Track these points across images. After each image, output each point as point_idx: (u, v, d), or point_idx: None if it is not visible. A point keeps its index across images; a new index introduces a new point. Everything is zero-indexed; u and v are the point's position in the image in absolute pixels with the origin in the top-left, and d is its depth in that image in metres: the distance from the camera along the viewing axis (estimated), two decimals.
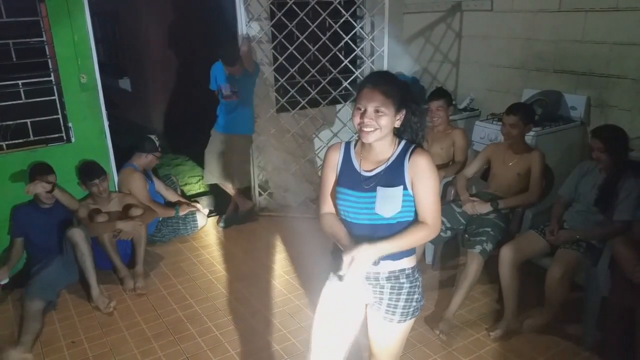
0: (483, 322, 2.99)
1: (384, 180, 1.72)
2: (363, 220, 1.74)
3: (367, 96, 1.67)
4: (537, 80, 4.10)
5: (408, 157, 1.71)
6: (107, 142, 3.82)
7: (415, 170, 1.69)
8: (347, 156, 1.82)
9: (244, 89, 4.08)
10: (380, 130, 1.68)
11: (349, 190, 1.75)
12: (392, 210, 1.70)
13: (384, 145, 1.74)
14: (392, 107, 1.67)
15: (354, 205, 1.74)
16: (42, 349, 2.87)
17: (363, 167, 1.77)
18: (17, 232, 3.40)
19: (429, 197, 1.70)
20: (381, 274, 1.78)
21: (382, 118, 1.66)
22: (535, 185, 3.12)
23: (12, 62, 3.44)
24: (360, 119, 1.68)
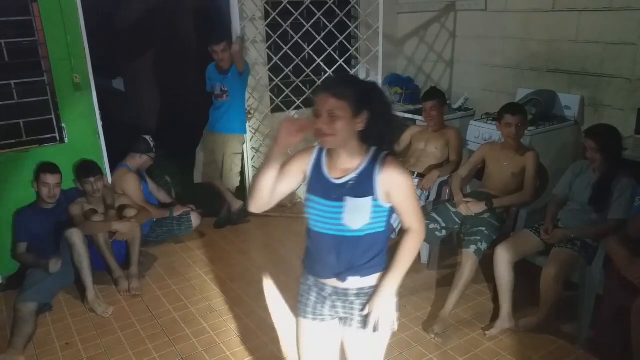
0: (478, 321, 2.99)
1: (353, 190, 1.63)
2: (329, 231, 1.66)
3: (320, 101, 1.58)
4: (531, 79, 4.11)
5: (379, 168, 1.62)
6: (101, 142, 3.80)
7: (388, 183, 1.61)
8: (318, 161, 1.72)
9: (234, 88, 4.08)
10: (335, 136, 1.57)
11: (317, 198, 1.67)
12: (361, 221, 1.62)
13: (350, 152, 1.64)
14: (349, 110, 1.56)
15: (322, 215, 1.67)
16: (36, 350, 2.85)
17: (332, 174, 1.68)
18: (21, 237, 3.39)
19: (409, 204, 1.67)
20: (350, 290, 1.72)
21: (337, 122, 1.56)
22: (530, 185, 3.13)
23: (5, 61, 3.41)
24: (317, 124, 1.58)
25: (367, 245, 1.67)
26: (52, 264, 3.13)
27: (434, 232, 3.18)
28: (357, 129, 1.61)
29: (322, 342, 1.84)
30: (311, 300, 1.80)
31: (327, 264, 1.71)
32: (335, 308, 1.76)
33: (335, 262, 1.69)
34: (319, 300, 1.78)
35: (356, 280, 1.69)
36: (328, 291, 1.75)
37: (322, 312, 1.79)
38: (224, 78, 4.07)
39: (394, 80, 5.03)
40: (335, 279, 1.70)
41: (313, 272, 1.79)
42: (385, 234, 1.70)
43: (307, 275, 1.82)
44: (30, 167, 3.45)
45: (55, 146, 3.65)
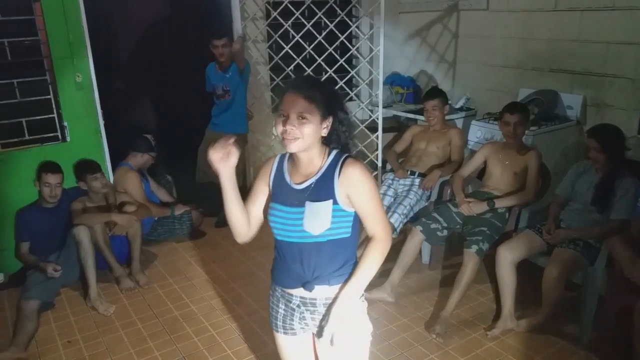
0: (480, 321, 2.99)
1: (313, 194, 1.58)
2: (292, 239, 1.62)
3: (289, 101, 1.53)
4: (533, 79, 4.10)
5: (339, 169, 1.57)
6: (103, 141, 3.80)
7: (348, 183, 1.56)
8: (279, 169, 1.69)
9: (235, 88, 4.08)
10: (303, 140, 1.53)
11: (279, 206, 1.64)
12: (321, 226, 1.56)
13: (311, 156, 1.60)
14: (317, 114, 1.53)
15: (283, 222, 1.62)
16: (38, 348, 2.86)
17: (294, 179, 1.64)
18: (23, 236, 3.40)
19: (371, 207, 1.59)
20: (318, 299, 1.66)
21: (305, 126, 1.52)
22: (532, 184, 3.13)
23: (7, 61, 3.42)
24: (283, 126, 1.53)
25: (330, 252, 1.61)
26: (51, 271, 3.14)
27: (436, 232, 3.18)
28: (322, 134, 1.58)
29: (297, 355, 1.82)
30: (280, 312, 1.76)
31: (293, 272, 1.66)
32: (304, 320, 1.71)
33: (301, 270, 1.64)
34: (287, 313, 1.74)
35: (324, 289, 1.63)
36: (295, 302, 1.70)
37: (292, 325, 1.75)
38: (225, 77, 4.07)
39: (395, 80, 5.03)
40: (302, 289, 1.65)
41: (280, 283, 1.73)
42: (352, 240, 1.64)
43: (274, 286, 1.78)
44: (32, 165, 3.45)
45: (57, 145, 3.65)
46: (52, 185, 3.34)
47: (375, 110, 4.37)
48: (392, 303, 3.12)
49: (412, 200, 3.54)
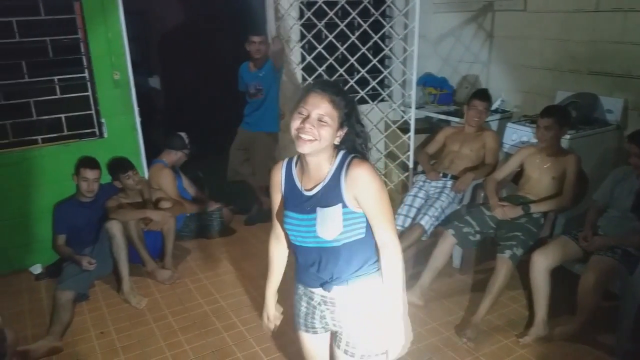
0: (511, 328, 2.93)
1: (322, 199, 1.57)
2: (310, 244, 1.62)
3: (313, 101, 1.52)
4: (571, 82, 4.00)
5: (345, 171, 1.55)
6: (139, 138, 3.88)
7: (355, 185, 1.54)
8: (289, 175, 1.68)
9: (268, 87, 4.10)
10: (319, 142, 1.52)
11: (292, 213, 1.64)
12: (334, 232, 1.56)
13: (319, 161, 1.59)
14: (337, 121, 1.54)
15: (299, 229, 1.62)
16: (73, 338, 2.93)
17: (304, 185, 1.63)
18: (60, 229, 3.50)
19: (378, 209, 1.56)
20: (337, 299, 1.66)
21: (324, 129, 1.51)
22: (569, 190, 3.06)
23: (49, 58, 3.51)
24: (301, 123, 1.52)
25: (347, 255, 1.60)
26: (86, 264, 3.23)
27: (468, 235, 3.13)
28: (334, 141, 1.57)
29: (318, 353, 1.83)
30: (302, 310, 1.78)
31: (311, 274, 1.68)
32: (324, 319, 1.72)
33: (319, 273, 1.65)
34: (309, 311, 1.75)
35: (343, 289, 1.64)
36: (317, 300, 1.71)
37: (314, 323, 1.76)
38: (258, 76, 4.10)
39: (428, 81, 4.98)
40: (321, 289, 1.67)
41: (301, 281, 1.76)
42: (368, 239, 1.62)
43: (296, 284, 1.80)
44: (70, 160, 3.54)
45: (95, 141, 3.74)
46: (89, 180, 3.43)
47: (408, 111, 4.34)
48: (422, 306, 3.09)
49: (443, 203, 3.50)
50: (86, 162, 3.46)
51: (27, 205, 3.59)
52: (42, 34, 3.43)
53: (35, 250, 3.68)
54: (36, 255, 3.68)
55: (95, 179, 3.46)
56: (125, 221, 3.40)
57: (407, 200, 3.63)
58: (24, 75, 3.45)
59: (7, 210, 3.55)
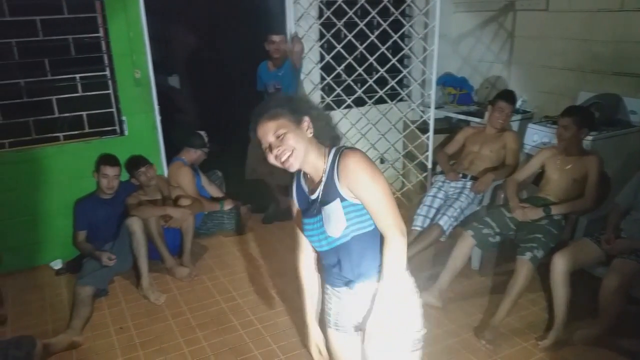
0: (531, 331, 2.90)
1: (324, 198, 1.57)
2: (324, 247, 1.63)
3: (261, 133, 1.55)
4: (594, 82, 3.94)
5: (336, 164, 1.54)
6: (159, 136, 3.91)
7: (345, 175, 1.52)
8: (298, 183, 1.70)
9: (287, 86, 4.10)
10: (296, 151, 1.52)
11: (306, 219, 1.65)
12: (339, 227, 1.55)
13: (313, 164, 1.58)
14: (291, 122, 1.53)
15: (313, 234, 1.63)
16: (92, 332, 2.97)
17: (310, 190, 1.65)
18: (80, 225, 3.55)
19: (373, 198, 1.52)
20: (361, 295, 1.66)
21: (286, 139, 1.51)
22: (591, 191, 3.01)
23: (71, 56, 3.56)
24: (272, 153, 1.54)
25: (360, 248, 1.59)
26: (106, 259, 3.27)
27: (487, 237, 3.10)
28: (307, 135, 1.56)
29: (347, 352, 1.82)
30: (332, 309, 1.79)
31: (336, 274, 1.69)
32: (353, 317, 1.72)
33: (341, 273, 1.66)
34: (339, 309, 1.76)
35: (367, 285, 1.63)
36: (345, 299, 1.72)
37: (343, 322, 1.76)
38: (277, 76, 4.11)
39: (447, 80, 4.95)
40: (346, 287, 1.68)
41: (328, 282, 1.77)
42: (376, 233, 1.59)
43: (325, 284, 1.80)
44: (91, 158, 3.58)
45: (116, 139, 3.78)
46: (109, 177, 3.47)
47: (427, 111, 4.31)
48: (440, 308, 3.06)
49: (462, 203, 3.47)
50: (106, 160, 3.50)
51: (49, 201, 3.64)
52: (65, 33, 3.48)
53: (56, 245, 3.73)
54: (57, 250, 3.74)
55: (115, 176, 3.50)
56: (145, 218, 3.43)
57: (426, 200, 3.61)
58: (46, 73, 3.50)
59: (28, 206, 3.60)
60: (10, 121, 3.48)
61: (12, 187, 3.52)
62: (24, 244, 3.65)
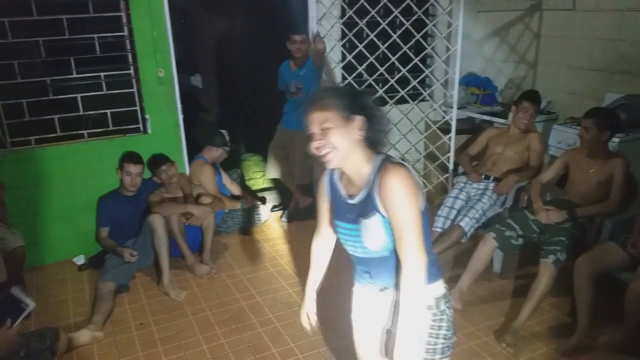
0: (553, 335, 2.84)
1: (362, 208, 1.50)
2: (358, 253, 1.58)
3: (308, 119, 1.48)
4: (622, 83, 3.86)
5: (378, 178, 1.46)
6: (181, 134, 3.94)
7: (384, 193, 1.44)
8: (332, 183, 1.64)
9: (309, 85, 4.10)
10: (337, 150, 1.45)
11: (340, 222, 1.60)
12: (378, 243, 1.49)
13: (356, 166, 1.51)
14: (339, 118, 1.45)
15: (348, 238, 1.58)
16: (113, 328, 3.00)
17: (348, 192, 1.57)
18: (103, 222, 3.61)
19: (400, 226, 1.43)
20: (392, 299, 1.63)
21: (330, 134, 1.44)
22: (616, 194, 2.94)
23: (96, 55, 3.61)
24: (313, 144, 1.47)
25: (399, 264, 1.50)
26: (128, 256, 3.31)
27: (510, 239, 3.05)
28: (355, 136, 1.48)
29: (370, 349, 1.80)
30: (360, 305, 1.78)
31: (366, 279, 1.68)
32: (381, 314, 1.70)
33: (371, 280, 1.65)
34: (366, 305, 1.74)
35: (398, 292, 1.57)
36: (373, 296, 1.70)
37: (369, 319, 1.75)
38: (298, 75, 4.12)
39: (471, 81, 4.90)
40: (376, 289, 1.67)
41: (358, 281, 1.76)
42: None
43: (356, 284, 1.79)
44: (115, 155, 3.63)
45: (139, 136, 3.83)
46: (133, 174, 3.51)
47: (449, 112, 4.27)
48: (460, 310, 3.03)
49: (485, 205, 3.43)
50: (130, 157, 3.54)
51: (72, 197, 3.70)
52: (90, 31, 3.53)
53: (79, 241, 3.79)
54: (80, 246, 3.79)
55: (138, 174, 3.54)
56: (167, 215, 3.46)
57: (447, 202, 3.58)
58: (72, 72, 3.56)
59: (53, 202, 3.67)
60: (36, 118, 3.55)
61: (37, 184, 3.59)
62: (47, 239, 3.72)
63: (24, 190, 3.56)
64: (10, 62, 3.39)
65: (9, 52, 3.38)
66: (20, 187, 3.53)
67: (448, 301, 1.63)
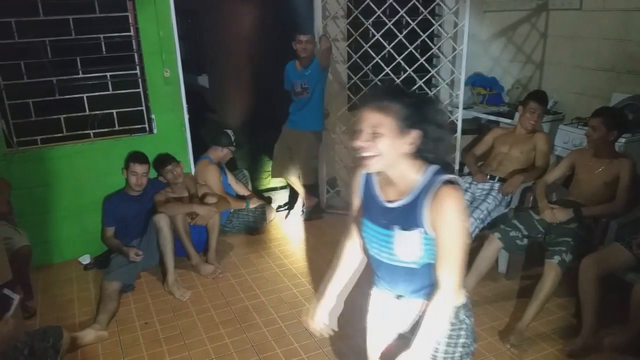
0: (558, 336, 2.83)
1: (402, 218, 1.44)
2: (383, 259, 1.52)
3: (362, 116, 1.40)
4: (629, 83, 3.83)
5: (432, 195, 1.39)
6: (187, 134, 3.95)
7: (437, 209, 1.37)
8: (369, 180, 1.55)
9: (314, 85, 4.11)
10: (381, 157, 1.38)
11: (369, 222, 1.53)
12: (412, 255, 1.44)
13: (401, 174, 1.44)
14: (395, 128, 1.36)
15: (375, 241, 1.52)
16: (118, 327, 3.01)
17: (385, 195, 1.50)
18: (109, 221, 3.62)
19: (448, 246, 1.39)
20: (411, 307, 1.57)
21: (379, 140, 1.36)
22: (623, 195, 2.93)
23: (102, 55, 3.63)
24: (357, 142, 1.39)
25: (425, 275, 1.48)
26: (133, 255, 3.32)
27: (515, 240, 3.04)
28: (403, 150, 1.40)
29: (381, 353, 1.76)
30: (375, 311, 1.73)
31: (383, 282, 1.62)
32: (397, 321, 1.65)
33: (389, 286, 1.60)
34: (383, 311, 1.69)
35: (420, 303, 1.54)
36: (390, 302, 1.64)
37: (385, 325, 1.69)
38: (304, 75, 4.12)
39: (477, 80, 4.88)
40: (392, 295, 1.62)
41: (376, 285, 1.70)
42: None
43: (374, 288, 1.73)
44: (120, 155, 3.64)
45: (145, 136, 3.84)
46: (138, 174, 3.52)
47: (455, 112, 4.26)
48: None
49: (490, 205, 3.41)
50: (136, 157, 3.56)
51: (78, 197, 3.72)
52: (97, 31, 3.55)
53: (84, 241, 3.80)
54: (85, 246, 3.81)
55: (144, 174, 3.55)
56: (172, 215, 3.47)
57: None
58: (78, 71, 3.58)
59: (59, 202, 3.68)
60: (42, 118, 3.57)
61: (43, 183, 3.61)
62: (53, 238, 3.74)
63: (30, 189, 3.57)
64: (17, 62, 3.41)
65: (16, 52, 3.40)
66: (26, 187, 3.54)
67: (468, 310, 1.58)
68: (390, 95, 1.40)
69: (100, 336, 2.87)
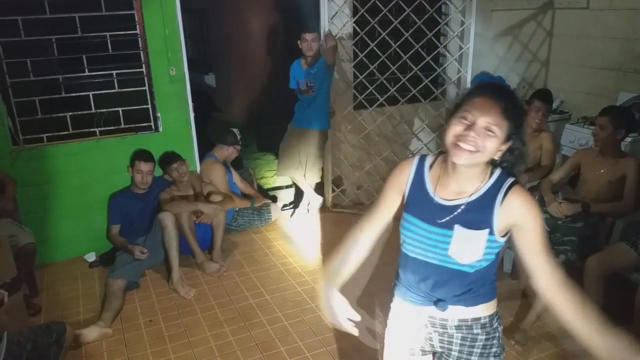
0: (562, 335, 2.81)
1: (465, 217, 1.38)
2: (430, 259, 1.44)
3: (482, 107, 1.32)
4: (635, 83, 3.81)
5: (502, 196, 1.36)
6: (192, 132, 3.96)
7: (515, 213, 1.35)
8: (419, 175, 1.48)
9: (320, 84, 4.10)
10: (481, 154, 1.33)
11: (417, 221, 1.44)
12: (471, 256, 1.38)
13: (473, 173, 1.40)
14: (504, 134, 1.33)
15: (422, 240, 1.44)
16: (122, 324, 3.03)
17: (439, 193, 1.44)
18: (114, 219, 3.63)
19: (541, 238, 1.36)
20: (449, 321, 1.48)
21: (490, 140, 1.32)
22: (629, 194, 2.91)
23: (108, 53, 3.64)
24: (465, 130, 1.33)
25: (474, 281, 1.44)
26: (138, 253, 3.33)
27: None
28: (495, 156, 1.37)
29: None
30: (402, 329, 1.60)
31: (421, 290, 1.51)
32: (430, 341, 1.55)
33: (431, 290, 1.48)
34: (411, 330, 1.57)
35: (459, 309, 1.47)
36: (422, 321, 1.53)
37: (414, 344, 1.58)
38: (310, 73, 4.11)
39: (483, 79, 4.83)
40: (434, 307, 1.48)
41: (405, 298, 1.56)
42: (495, 263, 1.45)
43: (396, 300, 1.61)
44: (126, 153, 3.66)
45: (150, 134, 3.85)
46: (144, 172, 3.53)
47: None
48: None
49: None
50: (141, 155, 3.57)
51: (84, 195, 3.73)
52: (103, 30, 3.56)
53: (90, 238, 3.82)
54: (91, 243, 3.82)
55: (149, 172, 3.57)
56: (177, 213, 3.48)
57: None
58: (84, 69, 3.59)
59: (64, 200, 3.70)
60: (48, 116, 3.58)
61: (49, 181, 3.63)
62: (59, 236, 3.75)
63: (36, 187, 3.59)
64: (23, 60, 3.43)
65: (22, 50, 3.42)
66: (32, 184, 3.56)
67: (499, 318, 1.55)
68: (515, 101, 1.38)
69: (105, 333, 2.88)
